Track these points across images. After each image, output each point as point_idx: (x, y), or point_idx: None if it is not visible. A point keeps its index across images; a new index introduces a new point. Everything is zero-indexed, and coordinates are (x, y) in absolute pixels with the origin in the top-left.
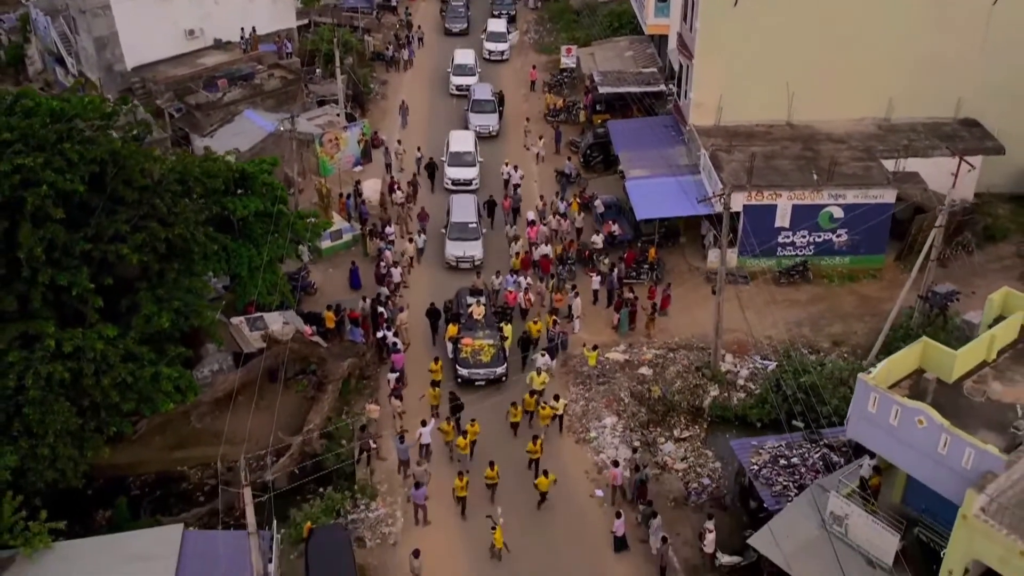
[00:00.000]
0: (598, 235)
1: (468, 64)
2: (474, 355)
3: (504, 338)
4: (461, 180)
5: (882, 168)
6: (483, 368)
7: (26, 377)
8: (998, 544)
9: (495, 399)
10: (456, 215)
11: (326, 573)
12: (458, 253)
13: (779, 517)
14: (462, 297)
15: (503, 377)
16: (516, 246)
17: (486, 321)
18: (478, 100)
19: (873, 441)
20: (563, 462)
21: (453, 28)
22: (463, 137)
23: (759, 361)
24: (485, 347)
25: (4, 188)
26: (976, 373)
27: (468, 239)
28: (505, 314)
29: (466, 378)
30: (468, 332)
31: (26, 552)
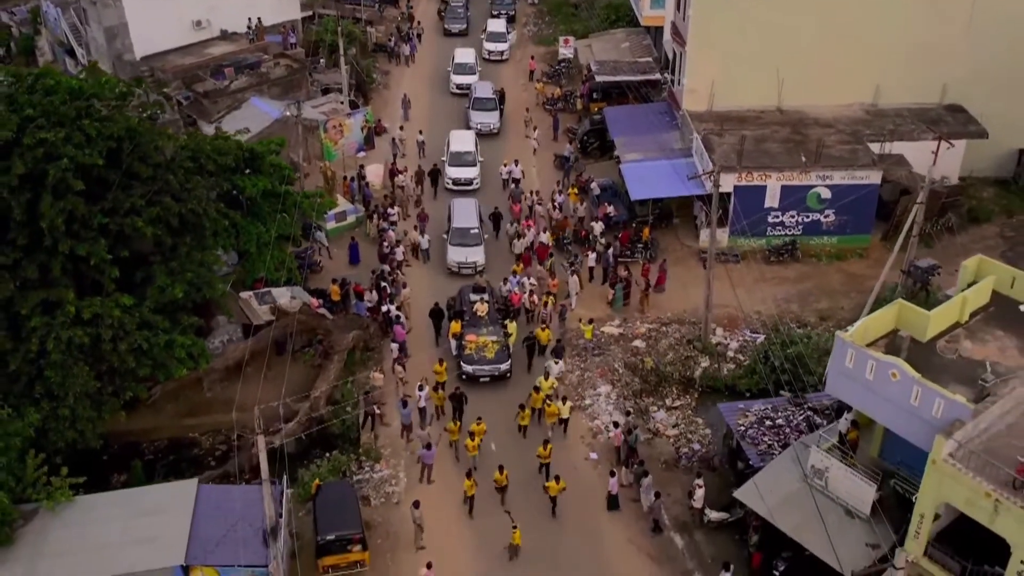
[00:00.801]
0: (596, 222)
1: (468, 63)
2: (478, 351)
3: (508, 334)
4: (462, 180)
5: (868, 151)
6: (487, 364)
7: (48, 341)
8: (965, 487)
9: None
10: (457, 220)
11: (334, 523)
12: (460, 259)
13: (763, 472)
14: (465, 294)
15: (507, 373)
16: (518, 244)
17: (489, 318)
18: (479, 98)
19: (850, 395)
20: (559, 429)
21: (452, 29)
22: (464, 137)
23: (748, 334)
24: (489, 343)
25: (27, 161)
26: (949, 333)
27: (470, 245)
28: (508, 311)
29: (470, 374)
30: (472, 329)
31: (48, 505)
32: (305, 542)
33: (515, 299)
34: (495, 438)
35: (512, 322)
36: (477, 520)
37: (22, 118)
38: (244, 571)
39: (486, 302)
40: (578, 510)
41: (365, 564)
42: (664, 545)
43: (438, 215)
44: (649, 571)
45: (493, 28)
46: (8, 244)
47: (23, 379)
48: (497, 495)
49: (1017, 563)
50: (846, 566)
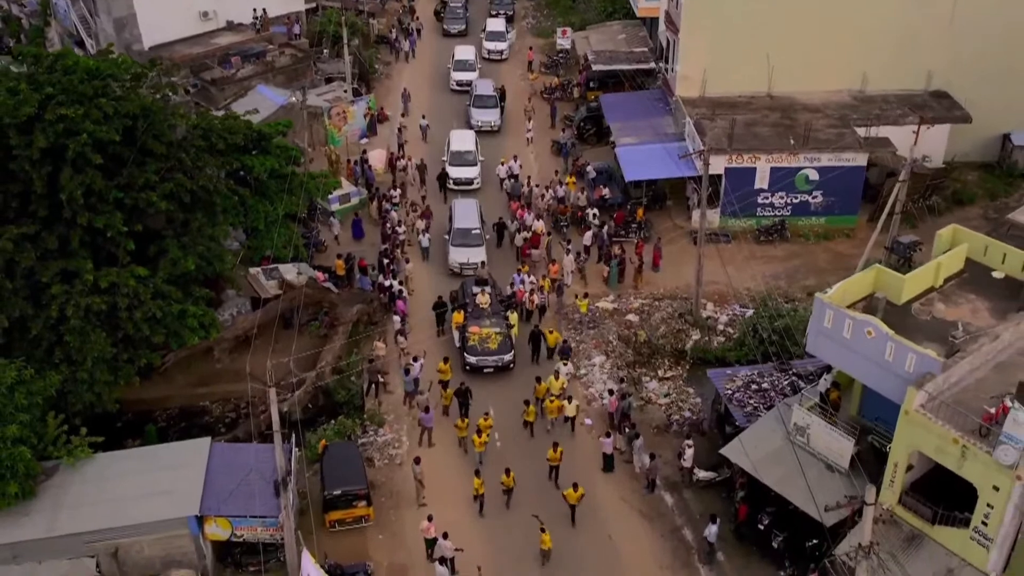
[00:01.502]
0: (591, 208)
1: (469, 60)
2: (481, 343)
3: (511, 326)
4: (463, 179)
5: (854, 134)
6: (491, 355)
7: (67, 308)
8: (935, 435)
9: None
10: (459, 221)
11: (340, 480)
12: (461, 260)
13: (749, 431)
14: (468, 287)
15: (510, 364)
16: (519, 238)
17: (492, 309)
18: (480, 95)
19: (829, 354)
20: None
21: (451, 29)
22: (464, 136)
23: (738, 309)
24: (492, 335)
25: (49, 135)
26: (924, 297)
27: (471, 245)
28: (510, 303)
29: (474, 365)
30: (475, 320)
31: (69, 461)
32: (312, 500)
33: (520, 294)
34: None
35: (514, 313)
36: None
37: (43, 96)
38: (255, 521)
39: (488, 294)
40: (576, 473)
41: (370, 519)
42: (655, 503)
43: (440, 216)
44: (641, 527)
45: (492, 27)
46: (29, 216)
47: (44, 344)
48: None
49: (983, 506)
50: (826, 517)
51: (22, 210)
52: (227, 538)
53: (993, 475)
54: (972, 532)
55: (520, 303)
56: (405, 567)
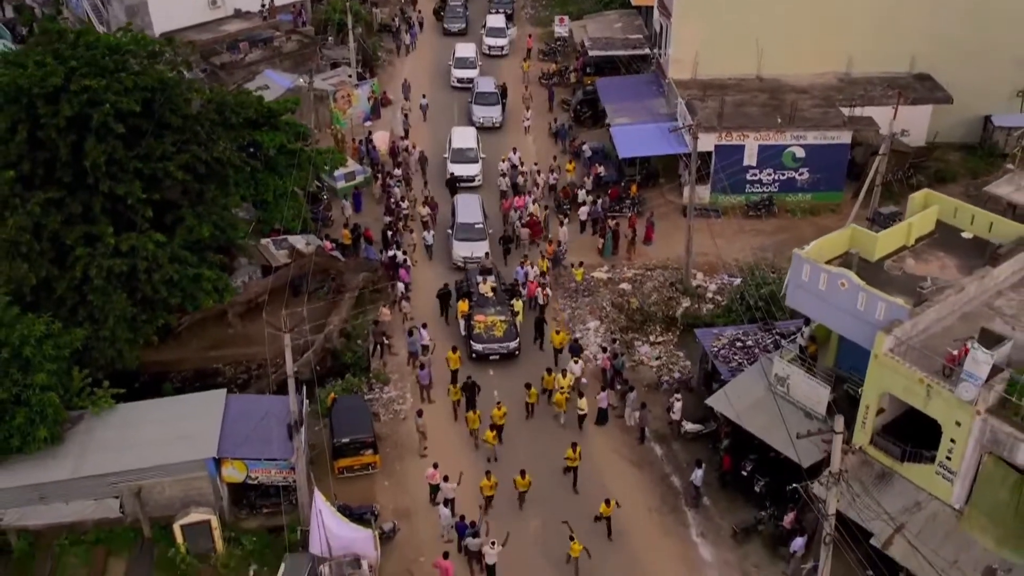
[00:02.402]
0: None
1: (469, 57)
2: (487, 330)
3: (515, 313)
4: (464, 176)
5: (839, 113)
6: (497, 343)
7: (90, 269)
8: (903, 376)
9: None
10: (462, 216)
11: (348, 429)
12: (465, 253)
13: (733, 383)
14: (472, 276)
15: (516, 351)
16: (521, 226)
17: (497, 298)
18: (482, 92)
19: (806, 306)
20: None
21: (452, 28)
22: (465, 133)
23: (726, 278)
24: (497, 323)
25: (74, 105)
26: (896, 255)
27: (474, 239)
28: (515, 291)
29: (480, 353)
30: (480, 309)
31: (93, 411)
32: (322, 450)
33: (532, 288)
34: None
35: (519, 301)
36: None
37: (68, 69)
38: (270, 464)
39: (492, 283)
40: (573, 429)
41: (376, 466)
42: (645, 453)
43: (444, 211)
44: (631, 475)
45: (493, 24)
46: (55, 183)
47: (68, 304)
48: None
49: (947, 441)
50: (804, 459)
51: (48, 177)
52: (242, 480)
53: (955, 411)
54: (937, 467)
55: (532, 297)
56: (409, 510)
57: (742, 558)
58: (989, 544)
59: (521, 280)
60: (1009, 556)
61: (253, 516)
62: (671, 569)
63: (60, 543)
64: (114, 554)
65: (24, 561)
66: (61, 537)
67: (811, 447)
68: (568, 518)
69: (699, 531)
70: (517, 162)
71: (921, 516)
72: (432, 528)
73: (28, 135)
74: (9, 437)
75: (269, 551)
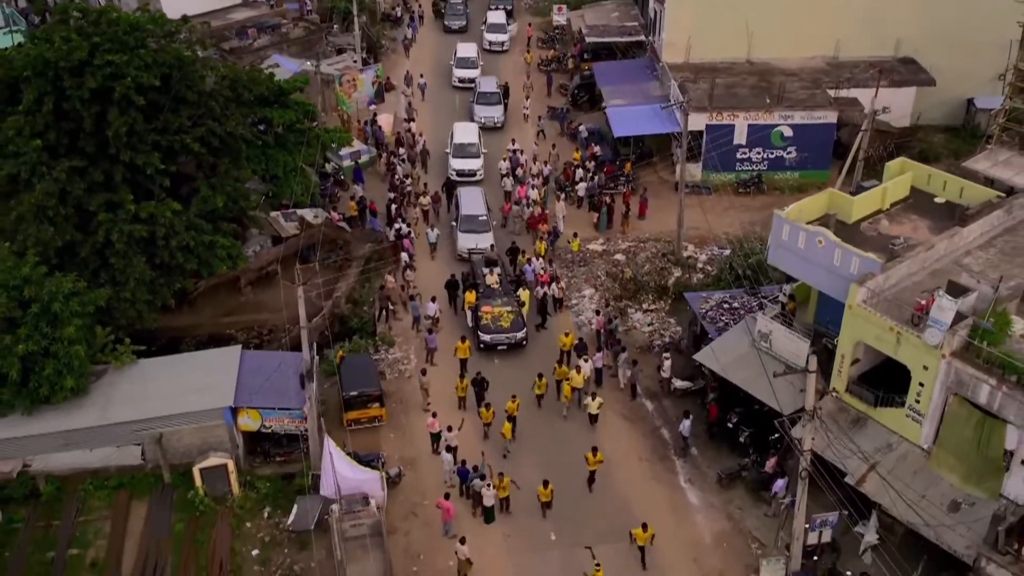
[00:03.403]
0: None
1: (471, 57)
2: (494, 321)
3: (522, 304)
4: (466, 171)
5: (825, 94)
6: (504, 333)
7: (112, 233)
8: (875, 325)
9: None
10: (466, 208)
11: (356, 383)
12: (470, 245)
13: (719, 340)
14: (478, 268)
15: (523, 342)
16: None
17: (503, 289)
18: (484, 92)
19: (787, 263)
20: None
21: (452, 25)
22: (467, 129)
23: (716, 249)
24: (504, 313)
25: (98, 78)
26: (872, 217)
27: (479, 231)
28: (520, 282)
29: (488, 343)
30: (487, 300)
31: (116, 365)
32: (331, 407)
33: (545, 280)
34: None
35: (525, 291)
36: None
37: (91, 44)
38: (283, 414)
39: (498, 274)
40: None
41: (383, 419)
42: (637, 409)
43: (444, 217)
44: (623, 429)
45: (493, 20)
46: (78, 153)
47: (91, 266)
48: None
49: (916, 385)
50: (785, 408)
51: (72, 147)
52: (257, 429)
53: (923, 356)
54: (907, 410)
55: (544, 290)
56: (414, 459)
57: (727, 501)
58: (955, 480)
59: (531, 277)
60: (972, 491)
61: (267, 464)
62: (660, 512)
63: (85, 487)
64: (136, 497)
65: (52, 504)
66: (86, 482)
67: (791, 397)
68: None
69: (686, 478)
70: (520, 159)
71: (892, 456)
72: (435, 474)
73: (54, 107)
74: (38, 387)
75: (282, 496)
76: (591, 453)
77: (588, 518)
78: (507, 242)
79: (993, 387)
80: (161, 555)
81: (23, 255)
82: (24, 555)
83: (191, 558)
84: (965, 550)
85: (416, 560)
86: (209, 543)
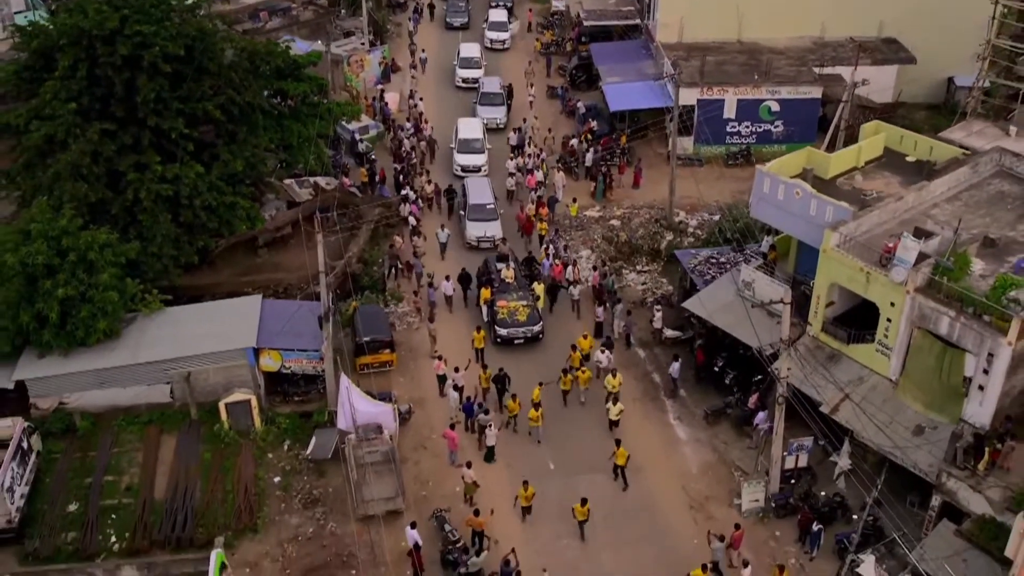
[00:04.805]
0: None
1: (474, 57)
2: (511, 315)
3: (537, 297)
4: (471, 167)
5: (811, 71)
6: (521, 327)
7: (141, 191)
8: (847, 267)
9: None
10: (473, 197)
11: (369, 330)
12: (479, 234)
13: (705, 289)
14: (491, 263)
15: (539, 335)
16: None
17: (518, 283)
18: (487, 93)
19: (768, 215)
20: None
21: (454, 22)
22: (471, 124)
23: (706, 215)
24: (520, 307)
25: (128, 46)
26: (847, 174)
27: (487, 220)
28: (534, 275)
29: (505, 337)
30: (502, 295)
31: (146, 312)
32: (345, 355)
33: (556, 272)
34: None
35: (540, 284)
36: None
37: (121, 15)
38: (302, 355)
39: (512, 268)
40: (566, 340)
41: (393, 365)
42: (631, 356)
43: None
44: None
45: (495, 18)
46: (109, 116)
47: (120, 223)
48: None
49: (884, 321)
50: (765, 345)
51: (103, 111)
52: (277, 369)
53: (890, 293)
54: (877, 345)
55: (557, 280)
56: (423, 399)
57: (712, 436)
58: (919, 407)
59: (546, 271)
60: (935, 416)
61: (286, 403)
62: (651, 446)
63: (118, 423)
64: (166, 432)
65: (87, 437)
66: (119, 419)
67: (772, 337)
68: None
69: (675, 416)
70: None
71: (863, 388)
72: (442, 413)
73: (87, 73)
74: (75, 329)
75: (301, 431)
76: (617, 447)
77: (584, 451)
78: (513, 232)
79: (952, 319)
80: (191, 480)
81: (59, 210)
82: (64, 480)
83: (218, 483)
84: (928, 468)
85: (425, 486)
86: (234, 470)
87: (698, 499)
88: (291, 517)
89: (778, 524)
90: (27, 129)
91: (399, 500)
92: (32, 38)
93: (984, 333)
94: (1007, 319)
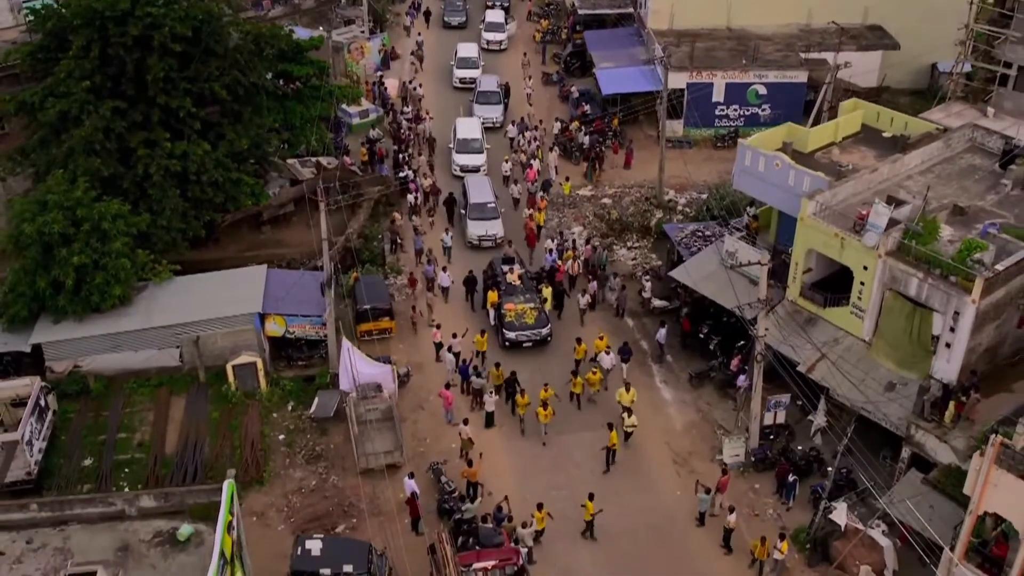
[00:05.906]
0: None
1: (471, 57)
2: (518, 318)
3: (544, 300)
4: (469, 167)
5: (797, 56)
6: (529, 330)
7: (151, 166)
8: (823, 233)
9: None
10: (474, 196)
11: (369, 298)
12: (480, 232)
13: (691, 260)
14: (496, 265)
15: (548, 338)
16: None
17: (524, 285)
18: (484, 92)
19: (750, 186)
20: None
21: (452, 21)
22: (469, 124)
23: (694, 194)
24: (527, 310)
25: (138, 27)
26: (825, 148)
27: (488, 218)
28: (541, 277)
29: (513, 340)
30: (509, 298)
31: (156, 281)
32: (346, 323)
33: (559, 275)
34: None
35: (547, 286)
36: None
37: None
38: (305, 320)
39: (518, 271)
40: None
41: (392, 332)
42: (621, 325)
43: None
44: (609, 341)
45: (492, 19)
46: (119, 95)
47: (131, 197)
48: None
49: (858, 284)
50: (747, 312)
51: (115, 89)
52: (282, 335)
53: (863, 257)
54: (851, 308)
55: (559, 281)
56: (421, 363)
57: (696, 398)
58: (891, 366)
59: (549, 265)
60: (906, 374)
61: (289, 368)
62: (638, 407)
63: (129, 385)
64: (175, 394)
65: (100, 399)
66: (130, 381)
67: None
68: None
69: (661, 379)
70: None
71: (839, 348)
72: (440, 376)
73: (100, 52)
74: (90, 295)
75: (304, 393)
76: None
77: (577, 411)
78: (514, 230)
79: (921, 280)
80: (200, 436)
81: (74, 182)
82: (79, 438)
83: (226, 439)
84: (898, 421)
85: (423, 443)
86: (241, 428)
87: (682, 455)
88: (295, 471)
89: (757, 477)
90: (43, 106)
91: (398, 454)
92: (46, 20)
93: (951, 293)
94: (971, 279)
